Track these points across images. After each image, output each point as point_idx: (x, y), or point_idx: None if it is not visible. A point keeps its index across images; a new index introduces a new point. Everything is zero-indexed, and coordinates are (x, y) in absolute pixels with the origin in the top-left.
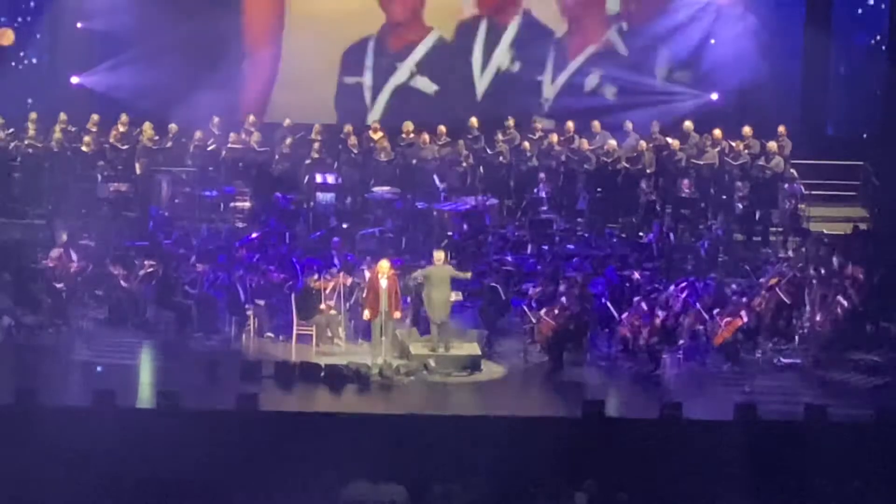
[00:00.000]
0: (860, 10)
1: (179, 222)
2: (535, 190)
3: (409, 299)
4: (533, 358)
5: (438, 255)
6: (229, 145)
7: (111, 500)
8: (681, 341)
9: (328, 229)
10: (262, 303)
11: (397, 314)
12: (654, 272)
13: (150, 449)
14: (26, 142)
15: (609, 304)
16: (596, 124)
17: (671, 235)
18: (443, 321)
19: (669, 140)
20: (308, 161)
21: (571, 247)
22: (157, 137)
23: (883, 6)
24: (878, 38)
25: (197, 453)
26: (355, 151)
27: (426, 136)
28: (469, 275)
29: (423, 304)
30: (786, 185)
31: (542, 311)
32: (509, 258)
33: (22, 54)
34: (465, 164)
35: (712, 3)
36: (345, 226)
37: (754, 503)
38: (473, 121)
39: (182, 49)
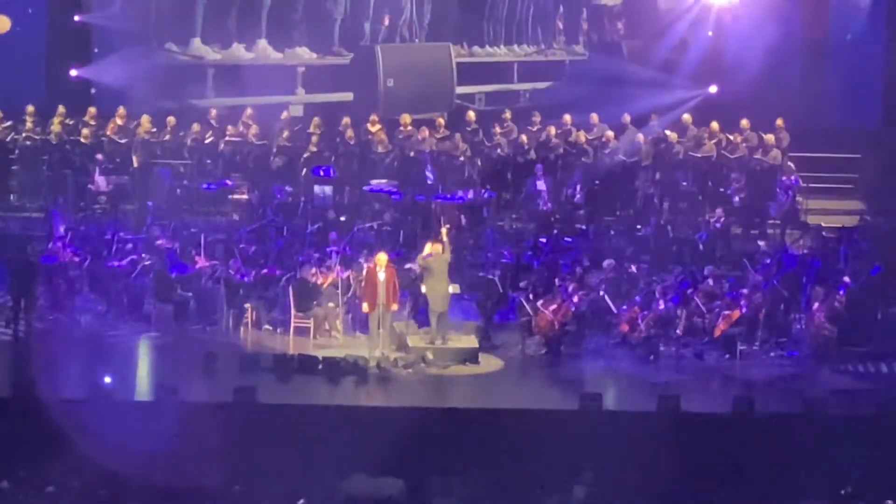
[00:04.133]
0: (858, 3)
1: (177, 215)
2: (533, 182)
3: (407, 292)
4: (530, 350)
5: (437, 248)
6: (227, 138)
7: (108, 492)
8: (678, 334)
9: (326, 222)
10: (259, 296)
11: (395, 306)
12: (651, 265)
13: (148, 442)
14: (24, 134)
15: (607, 296)
16: (594, 116)
17: (669, 228)
18: (443, 312)
19: (667, 133)
20: (306, 154)
21: (569, 239)
22: (154, 130)
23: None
24: (876, 29)
25: (195, 446)
26: (352, 144)
27: (425, 129)
28: (458, 289)
29: (421, 296)
30: (783, 178)
31: (540, 304)
32: (507, 251)
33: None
34: (462, 157)
35: None
36: (342, 218)
37: (752, 496)
38: (471, 114)
39: None
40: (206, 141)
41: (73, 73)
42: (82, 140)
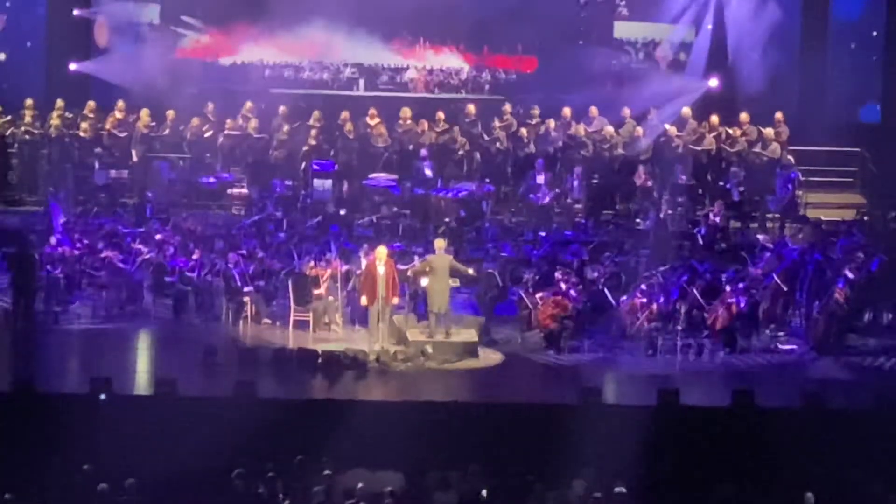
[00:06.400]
0: None
1: (176, 209)
2: (533, 176)
3: (406, 286)
4: (530, 344)
5: (440, 244)
6: (226, 132)
7: (108, 487)
8: (678, 328)
9: (325, 216)
10: (259, 290)
11: (395, 300)
12: (650, 258)
13: (147, 436)
14: (23, 128)
15: (607, 290)
16: (593, 110)
17: (668, 222)
18: (442, 310)
19: (667, 126)
20: (305, 148)
21: (569, 233)
22: (153, 124)
23: None
24: (876, 24)
25: (194, 440)
26: (351, 137)
27: (424, 123)
28: (472, 272)
29: (421, 289)
30: (783, 172)
31: (539, 298)
32: (506, 245)
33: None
34: (462, 151)
35: None
36: (342, 212)
37: (752, 490)
38: (470, 108)
39: None
40: (206, 135)
41: (73, 66)
42: (81, 134)
